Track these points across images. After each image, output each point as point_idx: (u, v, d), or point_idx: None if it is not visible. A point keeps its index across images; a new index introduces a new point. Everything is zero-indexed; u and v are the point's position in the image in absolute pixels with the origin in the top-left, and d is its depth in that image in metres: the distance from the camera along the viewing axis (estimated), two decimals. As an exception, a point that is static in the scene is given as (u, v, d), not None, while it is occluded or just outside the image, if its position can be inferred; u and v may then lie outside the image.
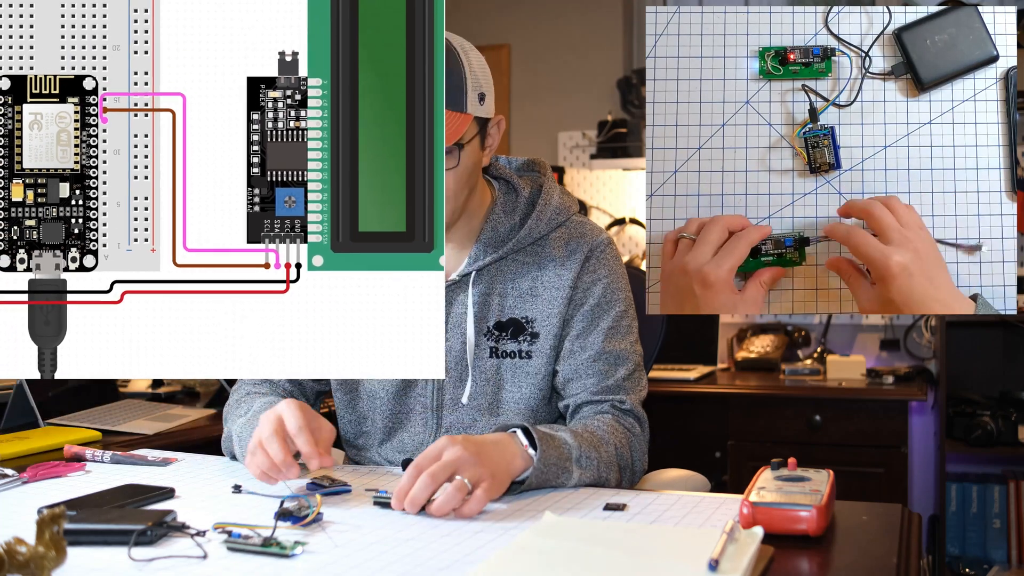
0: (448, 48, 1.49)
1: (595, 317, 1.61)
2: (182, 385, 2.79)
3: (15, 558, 0.91)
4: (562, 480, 1.39)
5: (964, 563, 3.22)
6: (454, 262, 1.64)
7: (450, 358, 1.61)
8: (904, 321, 3.54)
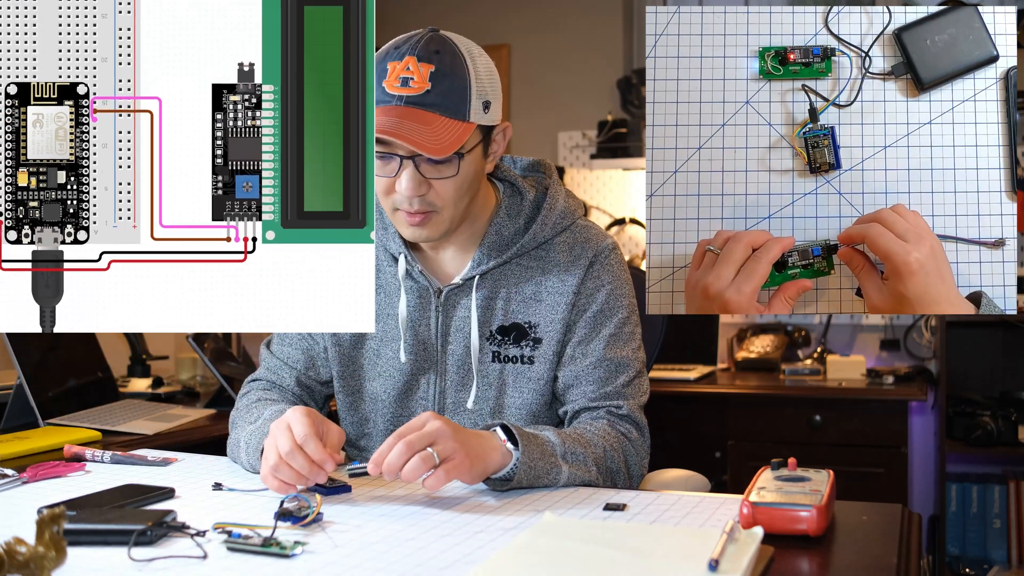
0: (455, 55, 1.46)
1: (597, 324, 1.60)
2: (182, 385, 2.79)
3: (15, 558, 0.91)
4: (552, 476, 1.38)
5: (964, 563, 3.22)
6: (457, 265, 1.63)
7: (452, 361, 1.61)
8: (904, 321, 3.54)
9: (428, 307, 1.62)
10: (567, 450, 1.41)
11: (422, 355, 1.62)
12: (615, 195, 3.89)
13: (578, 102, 3.94)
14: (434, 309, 1.61)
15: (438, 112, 1.43)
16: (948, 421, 3.16)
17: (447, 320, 1.61)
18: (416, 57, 1.44)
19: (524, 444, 1.35)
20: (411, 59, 1.44)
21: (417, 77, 1.43)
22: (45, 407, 2.08)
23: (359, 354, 1.66)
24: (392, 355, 1.63)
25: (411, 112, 1.42)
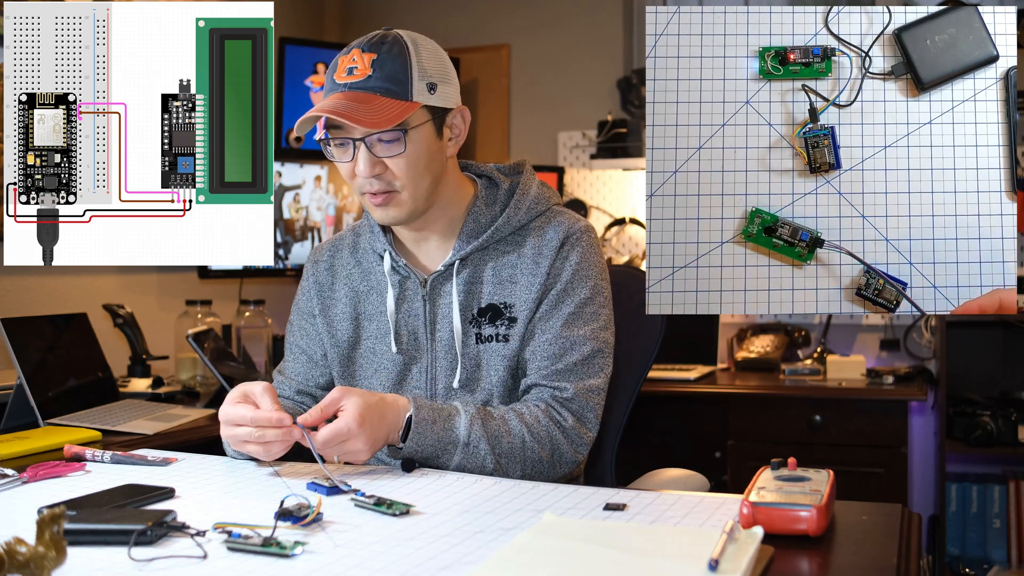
0: (396, 43, 1.55)
1: (558, 302, 1.63)
2: (182, 385, 2.79)
3: (15, 558, 0.91)
4: (443, 460, 1.50)
5: (964, 563, 3.22)
6: (440, 256, 1.69)
7: (441, 347, 1.66)
8: (904, 321, 3.54)
9: (415, 297, 1.67)
10: (470, 441, 1.50)
11: (413, 345, 1.68)
12: (615, 195, 3.89)
13: (578, 102, 3.94)
14: (421, 298, 1.67)
15: (379, 93, 1.53)
16: (948, 421, 3.16)
17: (434, 308, 1.67)
18: (360, 49, 1.56)
19: (418, 432, 1.48)
20: (356, 51, 1.56)
21: (361, 65, 1.55)
22: (45, 407, 2.09)
23: (356, 354, 1.72)
24: (386, 350, 1.69)
25: (354, 95, 1.53)
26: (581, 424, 1.60)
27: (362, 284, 1.72)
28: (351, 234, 1.79)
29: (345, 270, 1.75)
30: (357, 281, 1.73)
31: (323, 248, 1.80)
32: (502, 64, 4.02)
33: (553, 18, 3.98)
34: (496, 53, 4.00)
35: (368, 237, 1.74)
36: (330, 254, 1.78)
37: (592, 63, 3.92)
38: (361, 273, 1.73)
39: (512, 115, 4.05)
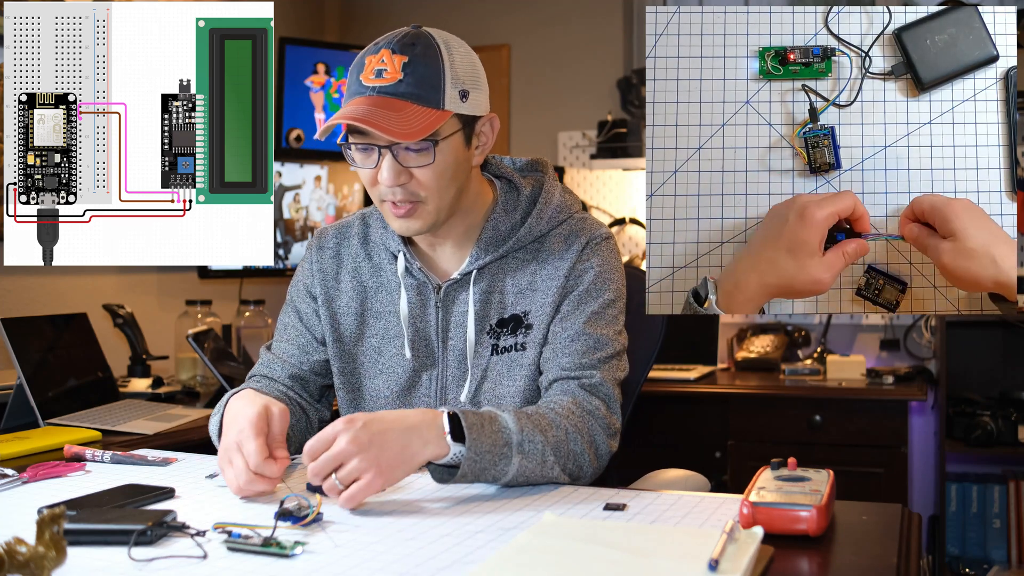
0: (429, 46, 1.47)
1: (581, 302, 1.58)
2: (182, 385, 2.79)
3: (15, 558, 0.91)
4: (501, 468, 1.35)
5: (964, 563, 3.22)
6: (455, 261, 1.64)
7: (453, 357, 1.61)
8: (904, 321, 3.54)
9: (428, 303, 1.62)
10: (524, 438, 1.37)
11: (423, 351, 1.62)
12: (615, 195, 3.89)
13: (578, 102, 3.94)
14: (434, 305, 1.62)
15: (410, 100, 1.44)
16: (948, 421, 3.16)
17: (447, 316, 1.61)
18: (390, 50, 1.47)
19: (472, 438, 1.32)
20: (385, 52, 1.47)
21: (391, 68, 1.45)
22: (45, 407, 2.08)
23: (359, 351, 1.66)
24: (395, 352, 1.63)
25: (383, 101, 1.44)
26: (610, 412, 1.53)
27: (371, 280, 1.67)
28: (359, 222, 1.72)
29: (353, 262, 1.68)
30: (366, 276, 1.67)
31: (328, 233, 1.73)
32: (502, 64, 4.02)
33: (553, 18, 3.97)
34: (496, 53, 4.00)
35: (381, 232, 1.67)
36: (336, 241, 1.71)
37: (592, 63, 3.92)
38: (371, 268, 1.67)
39: (512, 115, 4.05)
